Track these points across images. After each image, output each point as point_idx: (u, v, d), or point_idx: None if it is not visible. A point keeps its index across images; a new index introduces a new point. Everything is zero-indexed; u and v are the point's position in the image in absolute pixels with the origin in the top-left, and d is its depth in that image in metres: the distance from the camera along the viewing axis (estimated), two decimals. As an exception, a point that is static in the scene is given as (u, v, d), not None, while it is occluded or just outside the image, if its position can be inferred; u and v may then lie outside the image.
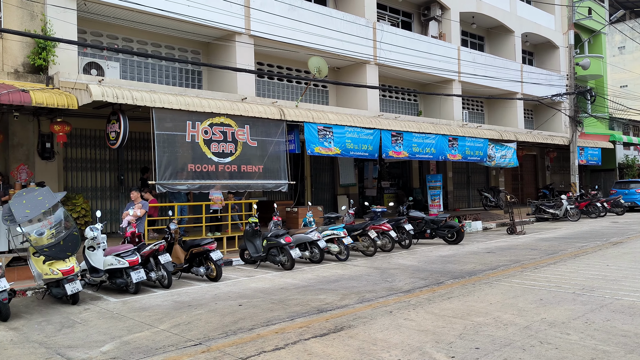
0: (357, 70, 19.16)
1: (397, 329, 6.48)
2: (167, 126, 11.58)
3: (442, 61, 21.36)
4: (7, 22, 11.37)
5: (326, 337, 6.23)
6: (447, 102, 22.61)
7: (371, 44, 18.85)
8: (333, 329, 6.54)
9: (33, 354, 5.89)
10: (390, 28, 19.98)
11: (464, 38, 25.48)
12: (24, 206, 8.51)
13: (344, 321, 6.92)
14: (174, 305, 8.15)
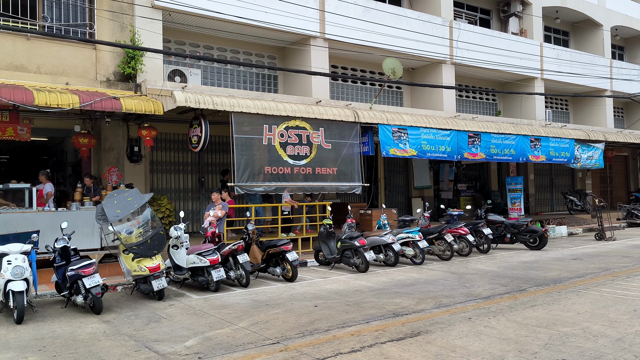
0: (433, 70, 18.81)
1: (477, 336, 6.28)
2: (244, 130, 11.93)
3: (523, 58, 20.49)
4: (100, 34, 12.20)
5: (403, 341, 6.15)
6: (529, 101, 21.64)
7: (447, 43, 18.43)
8: (410, 334, 6.44)
9: (123, 346, 6.26)
10: (468, 26, 19.44)
11: (547, 34, 24.29)
12: (115, 206, 9.08)
13: (420, 326, 6.80)
14: (252, 304, 8.36)
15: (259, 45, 15.99)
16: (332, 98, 16.66)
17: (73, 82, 11.63)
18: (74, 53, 11.82)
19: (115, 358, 5.81)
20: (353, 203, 16.53)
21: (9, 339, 6.63)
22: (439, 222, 14.48)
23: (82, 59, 11.94)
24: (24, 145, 16.66)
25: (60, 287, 8.49)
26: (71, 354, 5.99)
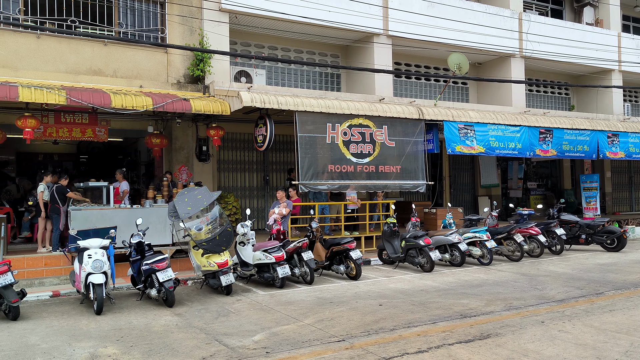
0: (501, 64, 18.18)
1: (551, 340, 6.01)
2: (308, 128, 12.03)
3: (599, 50, 19.38)
4: (171, 38, 12.68)
5: (471, 343, 5.99)
6: (605, 95, 20.45)
7: (516, 36, 17.76)
8: (479, 336, 6.27)
9: (195, 339, 6.49)
10: (538, 17, 18.63)
11: (626, 23, 22.85)
12: (185, 204, 9.42)
13: (490, 328, 6.60)
14: (316, 301, 8.43)
15: (322, 44, 16.07)
16: (395, 95, 16.48)
17: (146, 84, 12.17)
18: (147, 57, 12.37)
19: (187, 350, 6.03)
20: (417, 202, 16.27)
21: (90, 329, 7.04)
22: (507, 222, 13.98)
23: (154, 63, 12.47)
24: (101, 145, 17.69)
25: (136, 280, 8.92)
26: (147, 344, 6.28)
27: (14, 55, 11.01)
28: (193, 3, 12.93)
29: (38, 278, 9.99)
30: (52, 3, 11.55)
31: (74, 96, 9.81)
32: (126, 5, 12.43)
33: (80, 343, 6.36)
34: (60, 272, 10.24)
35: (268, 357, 5.72)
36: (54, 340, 6.51)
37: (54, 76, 11.20)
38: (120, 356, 5.85)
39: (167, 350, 6.05)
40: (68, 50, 11.52)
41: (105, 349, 6.12)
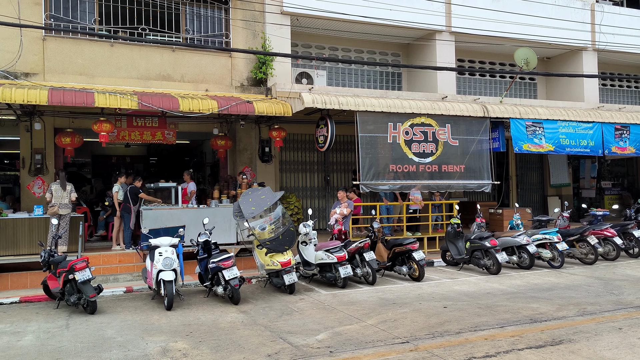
0: (571, 58, 17.35)
1: (630, 348, 5.67)
2: (369, 128, 11.99)
3: (682, 39, 18.06)
4: (235, 42, 13.02)
5: (542, 349, 5.75)
6: (688, 87, 19.06)
7: (588, 28, 16.88)
8: (550, 342, 6.01)
9: (260, 336, 6.61)
10: (613, 8, 17.62)
11: None
12: (250, 204, 9.63)
13: (562, 334, 6.31)
14: (379, 302, 8.38)
15: (382, 44, 15.96)
16: (458, 93, 16.10)
17: (211, 88, 12.55)
18: (212, 61, 12.75)
19: (253, 347, 6.16)
20: (482, 202, 15.81)
21: (161, 324, 7.33)
22: (579, 223, 13.31)
23: (219, 67, 12.84)
24: (169, 147, 18.42)
25: (203, 278, 9.21)
26: (214, 340, 6.47)
27: (90, 63, 11.66)
28: (256, 7, 13.20)
29: (113, 274, 10.52)
30: (124, 13, 12.14)
31: (145, 101, 10.26)
32: (193, 12, 12.88)
33: (152, 337, 6.65)
34: (133, 269, 10.75)
35: (332, 357, 5.75)
36: (128, 334, 6.84)
37: (126, 82, 11.77)
38: (190, 351, 6.05)
39: (233, 346, 6.20)
40: (139, 57, 12.07)
41: (175, 343, 6.36)
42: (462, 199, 15.60)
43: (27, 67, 11.15)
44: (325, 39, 15.21)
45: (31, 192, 11.70)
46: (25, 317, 7.90)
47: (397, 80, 16.38)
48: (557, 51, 17.31)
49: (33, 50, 11.23)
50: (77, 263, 7.95)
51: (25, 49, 11.12)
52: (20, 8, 11.02)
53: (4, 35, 10.88)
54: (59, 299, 8.39)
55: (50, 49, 11.39)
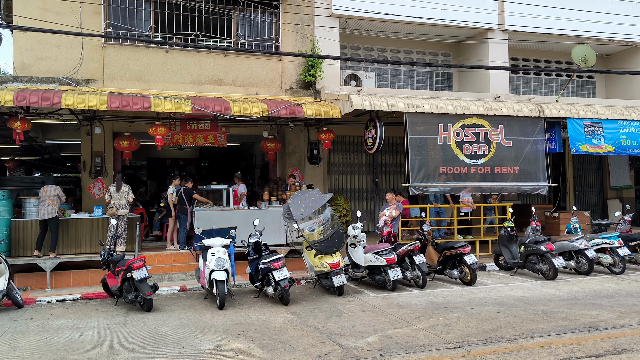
0: (634, 54, 16.57)
1: (701, 362, 5.35)
2: (419, 130, 11.84)
3: None
4: (284, 46, 13.18)
5: (603, 358, 5.51)
6: None
7: (652, 23, 16.06)
8: (611, 351, 5.75)
9: (310, 337, 6.65)
10: (678, 0, 16.68)
11: None
12: (299, 205, 9.71)
13: (624, 343, 6.02)
14: (429, 306, 8.25)
15: (432, 44, 15.75)
16: (512, 93, 15.68)
17: (262, 91, 12.75)
18: (262, 65, 12.95)
19: (303, 347, 6.20)
20: (537, 205, 15.31)
21: (214, 322, 7.50)
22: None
23: (269, 70, 13.03)
24: (220, 150, 18.84)
25: (253, 278, 9.35)
26: (265, 340, 6.55)
27: (146, 69, 12.09)
28: (305, 11, 13.33)
29: (167, 273, 10.85)
30: (178, 20, 12.52)
31: (198, 105, 10.54)
32: (244, 17, 13.13)
33: (205, 335, 6.81)
34: (187, 269, 11.05)
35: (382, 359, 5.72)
36: (183, 331, 7.03)
37: (180, 87, 12.13)
38: (242, 350, 6.16)
39: (284, 346, 6.26)
40: (192, 63, 12.42)
41: (228, 342, 6.49)
42: (515, 202, 15.15)
43: (88, 73, 11.67)
44: (374, 40, 15.16)
45: (91, 193, 12.24)
46: (86, 313, 8.27)
47: (447, 81, 16.12)
48: (617, 48, 16.56)
49: (93, 58, 11.76)
50: (134, 262, 8.24)
51: (87, 56, 11.65)
52: (82, 18, 11.56)
53: (67, 44, 11.45)
54: (117, 296, 8.73)
55: (110, 56, 11.89)
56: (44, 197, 10.41)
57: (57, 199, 10.47)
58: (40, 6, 11.36)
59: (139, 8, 12.30)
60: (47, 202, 10.38)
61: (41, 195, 10.48)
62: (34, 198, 10.97)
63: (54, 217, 10.40)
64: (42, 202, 10.42)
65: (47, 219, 10.37)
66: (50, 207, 10.36)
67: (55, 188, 10.55)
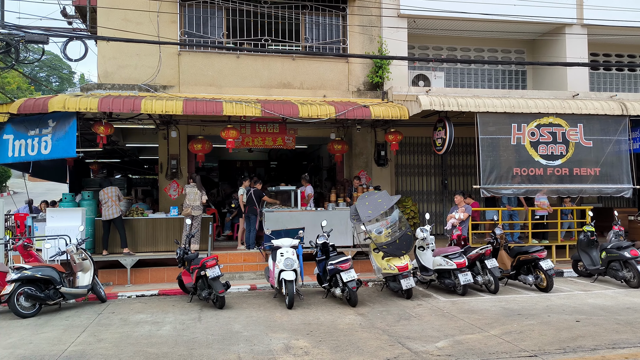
0: None
1: None
2: (490, 130, 11.48)
3: None
4: (352, 47, 13.21)
5: (698, 375, 5.10)
6: None
7: None
8: None
9: (378, 339, 6.62)
10: None
11: None
12: (366, 207, 9.69)
13: None
14: (502, 312, 7.98)
15: (504, 41, 15.23)
16: (592, 90, 14.85)
17: (329, 94, 12.84)
18: (330, 68, 13.05)
19: (371, 350, 6.18)
20: (620, 208, 14.41)
21: (283, 321, 7.63)
22: None
23: (336, 73, 13.10)
24: (288, 152, 19.14)
25: (321, 279, 9.42)
26: (333, 340, 6.59)
27: (218, 74, 12.52)
28: (372, 12, 13.30)
29: (238, 272, 11.17)
30: (249, 25, 12.87)
31: (267, 108, 10.79)
32: (312, 21, 13.29)
33: (275, 334, 6.95)
34: (256, 268, 11.32)
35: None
36: (253, 329, 7.21)
37: (250, 91, 12.46)
38: (311, 349, 6.23)
39: (352, 347, 6.27)
40: (262, 67, 12.72)
41: (297, 341, 6.58)
42: (596, 205, 14.32)
43: (165, 80, 12.25)
44: (442, 40, 14.87)
45: (167, 194, 12.82)
46: (163, 308, 8.67)
47: (520, 79, 15.52)
48: None
49: (170, 65, 12.32)
50: (208, 260, 8.55)
51: (163, 63, 12.23)
52: (159, 27, 12.15)
53: (146, 52, 12.07)
54: (192, 293, 9.09)
55: (185, 63, 12.41)
56: (106, 198, 11.00)
57: (117, 198, 11.04)
58: (122, 17, 12.04)
59: (212, 16, 12.76)
60: (110, 202, 10.96)
61: (102, 198, 11.05)
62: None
63: (118, 216, 10.96)
64: (105, 204, 11.00)
65: (112, 219, 10.94)
66: (113, 207, 10.94)
67: (115, 189, 11.14)
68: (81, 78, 53.15)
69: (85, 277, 9.04)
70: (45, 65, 48.62)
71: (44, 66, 48.92)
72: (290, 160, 20.54)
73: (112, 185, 11.34)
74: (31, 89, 43.74)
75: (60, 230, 10.07)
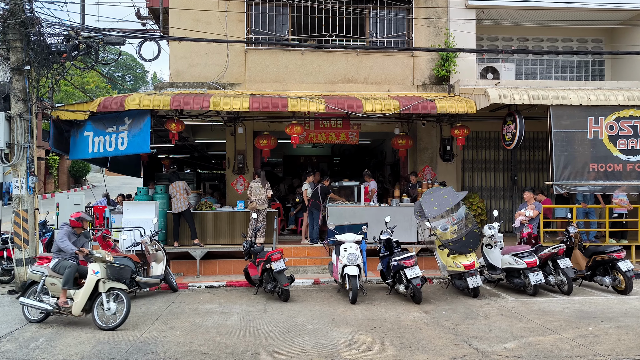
0: None
1: None
2: (564, 124, 10.94)
3: None
4: (417, 41, 12.99)
5: None
6: None
7: None
8: None
9: (444, 338, 6.51)
10: None
11: None
12: (432, 204, 9.52)
13: None
14: (576, 314, 7.62)
15: (580, 30, 14.45)
16: (678, 80, 13.83)
17: (393, 88, 12.71)
18: (394, 62, 12.90)
19: (437, 348, 6.09)
20: None
21: (347, 316, 7.67)
22: None
23: (401, 67, 12.94)
24: (351, 147, 19.15)
25: (384, 275, 9.39)
26: (397, 337, 6.55)
27: (283, 71, 12.69)
28: (439, 4, 13.02)
29: (302, 266, 11.32)
30: (313, 22, 12.95)
31: (331, 104, 10.82)
32: (376, 15, 13.18)
33: (339, 328, 6.99)
34: (320, 262, 11.43)
35: (522, 368, 5.41)
36: (317, 323, 7.29)
37: (314, 87, 12.55)
38: (375, 345, 6.22)
39: (417, 345, 6.21)
40: (326, 63, 12.77)
41: (360, 336, 6.60)
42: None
43: (232, 77, 12.57)
44: (513, 30, 14.32)
45: (234, 188, 13.18)
46: (231, 299, 8.94)
47: (598, 70, 14.69)
48: None
49: (237, 63, 12.62)
50: (273, 254, 8.73)
51: (231, 61, 12.55)
52: (227, 26, 12.48)
53: (215, 50, 12.43)
54: (258, 285, 9.31)
55: (251, 60, 12.68)
56: (175, 192, 11.45)
57: (185, 192, 11.44)
58: (192, 17, 12.46)
59: (277, 14, 12.94)
60: (179, 196, 11.41)
61: (172, 192, 11.52)
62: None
63: (186, 209, 11.38)
64: (174, 198, 11.46)
65: (181, 212, 11.37)
66: (182, 200, 11.37)
67: (182, 183, 11.56)
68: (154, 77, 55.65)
69: (158, 267, 9.47)
70: (121, 65, 51.26)
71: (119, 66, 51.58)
72: (353, 156, 20.52)
73: (180, 180, 11.79)
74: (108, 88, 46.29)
75: (135, 222, 10.61)
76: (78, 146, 11.17)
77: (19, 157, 9.80)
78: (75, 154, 11.35)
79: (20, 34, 9.58)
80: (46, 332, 6.98)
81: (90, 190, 23.60)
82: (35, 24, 9.62)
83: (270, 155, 13.62)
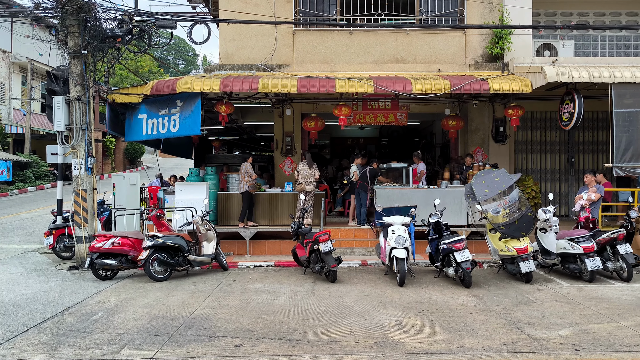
0: None
1: None
2: (627, 103, 10.36)
3: None
4: (470, 18, 12.56)
5: None
6: None
7: None
8: None
9: (494, 323, 6.37)
10: None
11: None
12: (483, 186, 9.28)
13: None
14: (636, 302, 7.29)
15: (646, 2, 13.59)
16: None
17: (444, 68, 12.38)
18: (445, 40, 12.54)
19: (487, 333, 5.97)
20: None
21: (394, 298, 7.63)
22: None
23: (452, 45, 12.57)
24: (399, 129, 18.87)
25: (433, 258, 9.27)
26: (446, 321, 6.47)
27: (331, 52, 12.59)
28: (493, -21, 12.52)
29: (349, 248, 11.33)
30: (362, 1, 12.74)
31: (379, 84, 10.67)
32: (426, -8, 12.83)
33: (386, 310, 6.97)
34: (367, 244, 11.40)
35: (577, 355, 5.22)
36: (365, 304, 7.29)
37: (362, 67, 12.39)
38: (423, 328, 6.17)
39: (466, 329, 6.11)
40: (375, 42, 12.56)
41: (408, 319, 6.56)
42: None
43: (280, 59, 12.58)
44: (572, 4, 13.62)
45: (282, 170, 13.28)
46: (279, 279, 9.07)
47: (665, 44, 13.80)
48: None
49: (285, 44, 12.61)
50: (320, 235, 8.77)
51: (279, 43, 12.55)
52: (275, 7, 12.46)
53: (263, 32, 12.46)
54: (305, 266, 9.40)
55: (299, 42, 12.64)
56: (240, 173, 11.62)
57: (246, 174, 11.56)
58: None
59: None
60: (240, 178, 11.57)
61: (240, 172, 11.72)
62: (235, 174, 12.31)
63: (244, 192, 11.50)
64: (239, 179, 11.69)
65: (241, 192, 11.55)
66: (242, 183, 11.52)
67: (245, 165, 11.65)
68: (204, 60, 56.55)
69: (209, 246, 9.71)
70: (172, 49, 52.36)
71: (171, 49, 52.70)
72: (402, 137, 20.23)
73: (245, 161, 11.91)
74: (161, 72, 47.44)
75: (187, 203, 10.89)
76: (133, 128, 11.51)
77: (77, 139, 10.22)
78: (130, 136, 11.71)
79: (78, 19, 9.91)
80: (105, 306, 7.31)
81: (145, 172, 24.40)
82: (91, 9, 9.92)
83: (318, 137, 13.64)
